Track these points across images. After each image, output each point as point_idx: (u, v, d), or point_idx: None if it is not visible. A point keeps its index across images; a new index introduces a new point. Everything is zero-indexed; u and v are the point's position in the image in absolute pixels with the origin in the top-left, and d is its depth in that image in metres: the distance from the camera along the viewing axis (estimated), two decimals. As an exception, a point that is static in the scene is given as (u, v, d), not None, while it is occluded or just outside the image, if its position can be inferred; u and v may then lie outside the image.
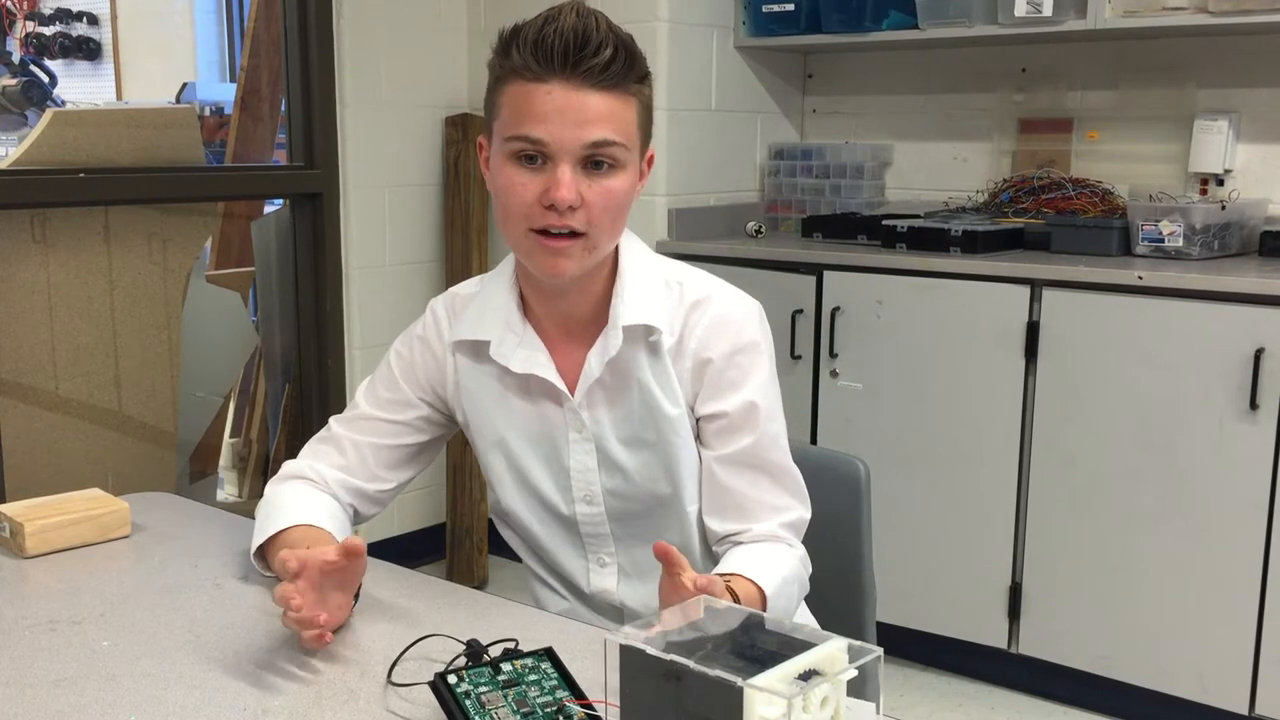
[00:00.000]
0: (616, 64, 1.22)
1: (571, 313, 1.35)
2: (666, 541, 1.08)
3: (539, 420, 1.38)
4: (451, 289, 1.45)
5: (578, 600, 1.46)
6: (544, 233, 1.25)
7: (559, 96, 1.21)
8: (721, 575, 1.24)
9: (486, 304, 1.38)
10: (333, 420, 1.45)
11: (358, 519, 1.45)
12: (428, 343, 1.42)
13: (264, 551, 1.32)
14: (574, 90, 1.21)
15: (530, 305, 1.37)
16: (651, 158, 1.34)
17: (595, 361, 1.33)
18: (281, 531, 1.30)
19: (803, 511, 1.38)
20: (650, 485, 1.37)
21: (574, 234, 1.25)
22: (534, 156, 1.24)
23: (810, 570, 1.38)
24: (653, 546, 1.08)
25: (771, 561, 1.30)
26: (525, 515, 1.43)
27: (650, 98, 1.30)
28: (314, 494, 1.39)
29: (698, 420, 1.36)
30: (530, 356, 1.35)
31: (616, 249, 1.35)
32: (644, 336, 1.33)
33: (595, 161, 1.24)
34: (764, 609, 1.23)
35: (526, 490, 1.41)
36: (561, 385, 1.35)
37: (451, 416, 1.44)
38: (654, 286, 1.35)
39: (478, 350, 1.38)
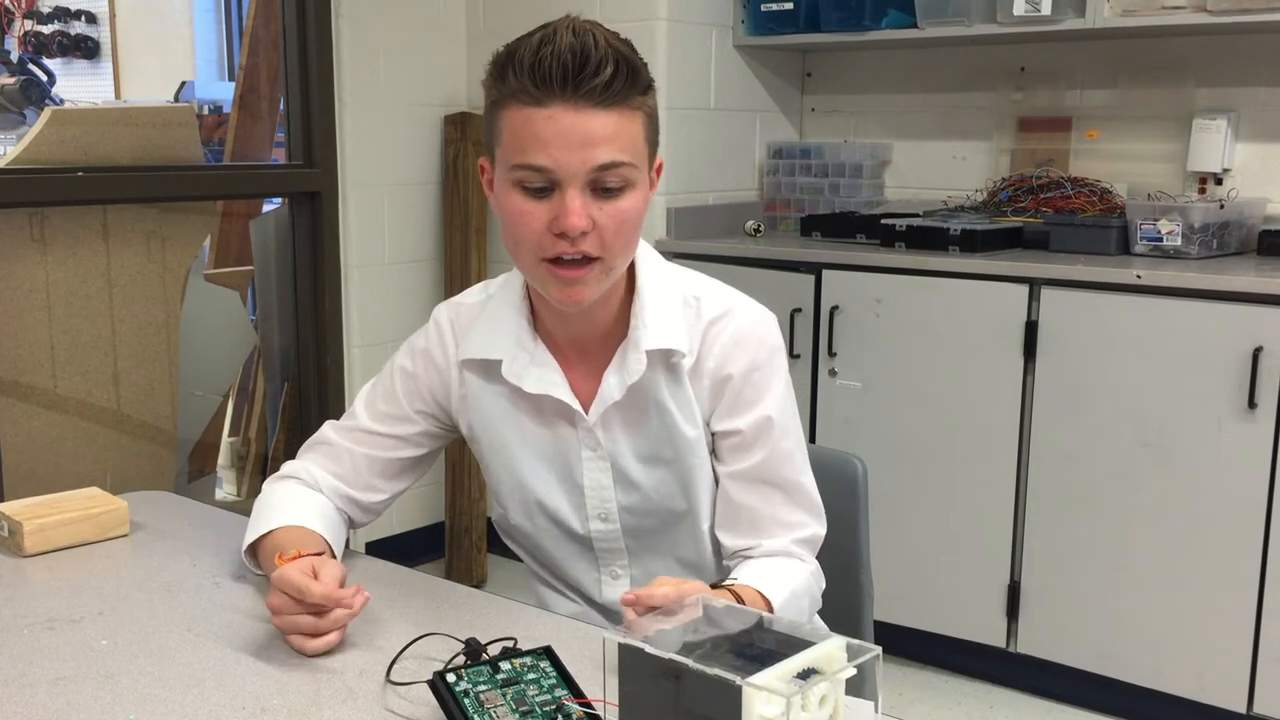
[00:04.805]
0: (619, 81, 1.16)
1: (587, 331, 1.32)
2: (667, 576, 1.10)
3: (552, 439, 1.35)
4: (455, 298, 1.42)
5: (588, 605, 1.45)
6: (557, 261, 1.21)
7: (561, 120, 1.16)
8: (728, 585, 1.23)
9: (495, 320, 1.34)
10: (329, 426, 1.43)
11: (351, 525, 1.43)
12: (430, 355, 1.39)
13: (255, 550, 1.32)
14: (576, 112, 1.16)
15: (541, 321, 1.34)
16: (660, 166, 1.29)
17: (614, 383, 1.30)
18: (272, 531, 1.30)
19: (817, 528, 1.36)
20: (667, 502, 1.35)
21: (588, 259, 1.21)
22: (541, 185, 1.19)
23: (824, 585, 1.36)
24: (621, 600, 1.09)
25: (780, 575, 1.29)
26: (536, 532, 1.40)
27: (655, 107, 1.25)
28: (308, 495, 1.38)
29: (713, 435, 1.34)
30: (544, 376, 1.32)
31: (631, 263, 1.32)
32: (664, 359, 1.30)
33: (604, 185, 1.19)
34: None
35: (538, 508, 1.38)
36: (577, 406, 1.32)
37: (454, 427, 1.42)
38: (673, 305, 1.31)
39: (487, 368, 1.35)
